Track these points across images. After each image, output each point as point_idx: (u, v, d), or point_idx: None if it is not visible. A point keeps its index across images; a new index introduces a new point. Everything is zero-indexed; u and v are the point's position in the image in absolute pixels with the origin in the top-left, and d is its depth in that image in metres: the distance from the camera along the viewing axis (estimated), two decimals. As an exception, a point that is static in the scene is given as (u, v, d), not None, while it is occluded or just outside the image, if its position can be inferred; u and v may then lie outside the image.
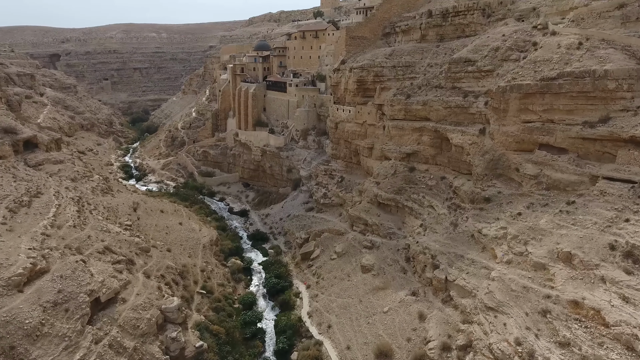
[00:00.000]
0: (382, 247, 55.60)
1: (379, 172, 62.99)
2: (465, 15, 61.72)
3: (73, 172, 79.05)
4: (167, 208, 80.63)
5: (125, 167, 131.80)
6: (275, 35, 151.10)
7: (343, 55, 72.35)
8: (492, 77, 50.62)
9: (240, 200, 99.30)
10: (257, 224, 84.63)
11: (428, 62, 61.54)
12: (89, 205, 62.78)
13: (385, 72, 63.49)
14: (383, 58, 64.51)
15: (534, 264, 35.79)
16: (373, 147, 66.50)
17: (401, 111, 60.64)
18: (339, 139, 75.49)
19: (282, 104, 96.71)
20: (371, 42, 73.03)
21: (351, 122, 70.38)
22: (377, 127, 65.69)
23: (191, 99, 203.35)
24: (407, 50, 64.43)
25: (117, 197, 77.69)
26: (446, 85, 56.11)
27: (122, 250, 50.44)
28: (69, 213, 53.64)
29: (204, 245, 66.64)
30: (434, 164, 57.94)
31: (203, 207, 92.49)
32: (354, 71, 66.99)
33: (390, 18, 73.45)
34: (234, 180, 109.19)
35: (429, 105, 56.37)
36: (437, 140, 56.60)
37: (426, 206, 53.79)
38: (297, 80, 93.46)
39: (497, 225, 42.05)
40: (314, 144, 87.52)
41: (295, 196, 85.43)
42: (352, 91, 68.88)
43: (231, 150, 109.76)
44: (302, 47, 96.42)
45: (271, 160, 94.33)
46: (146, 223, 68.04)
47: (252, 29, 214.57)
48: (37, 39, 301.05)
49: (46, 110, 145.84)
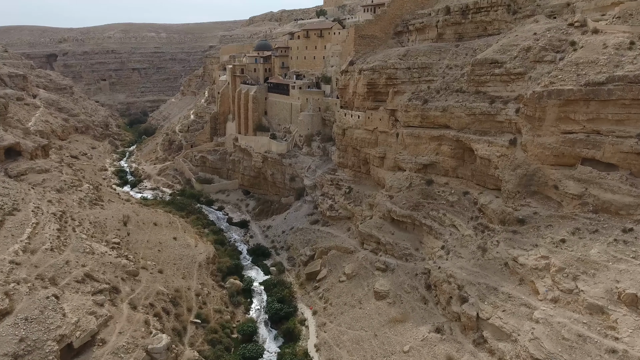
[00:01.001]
0: (398, 271, 49.82)
1: (392, 185, 57.23)
2: (488, 12, 55.98)
3: (59, 181, 73.39)
4: (161, 220, 74.93)
5: (120, 173, 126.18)
6: (276, 35, 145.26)
7: (351, 55, 66.56)
8: (524, 81, 44.87)
9: (240, 210, 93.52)
10: (258, 236, 78.86)
11: (447, 63, 55.78)
12: (73, 221, 57.03)
13: (399, 75, 57.72)
14: (396, 59, 58.75)
15: (589, 306, 30.03)
16: (385, 157, 60.74)
17: (417, 117, 54.89)
18: (347, 147, 69.73)
19: (285, 107, 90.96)
20: (382, 41, 67.27)
21: (360, 129, 64.62)
22: (389, 135, 59.94)
23: (190, 100, 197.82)
24: (422, 50, 58.65)
25: (107, 209, 71.98)
26: (469, 90, 50.35)
27: (106, 277, 44.71)
28: (48, 233, 47.89)
29: (200, 264, 60.92)
30: (454, 177, 52.16)
31: (200, 217, 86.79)
32: (364, 73, 61.25)
33: (403, 15, 67.69)
34: (233, 188, 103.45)
35: (450, 112, 50.61)
36: (459, 150, 50.83)
37: (448, 225, 48.00)
38: (300, 82, 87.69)
39: (536, 254, 36.27)
40: (319, 150, 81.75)
41: (298, 207, 79.65)
42: (362, 95, 63.13)
43: (230, 155, 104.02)
44: (306, 47, 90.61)
45: (273, 168, 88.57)
46: (137, 239, 62.30)
47: (253, 28, 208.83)
48: (34, 38, 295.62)
49: (38, 112, 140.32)
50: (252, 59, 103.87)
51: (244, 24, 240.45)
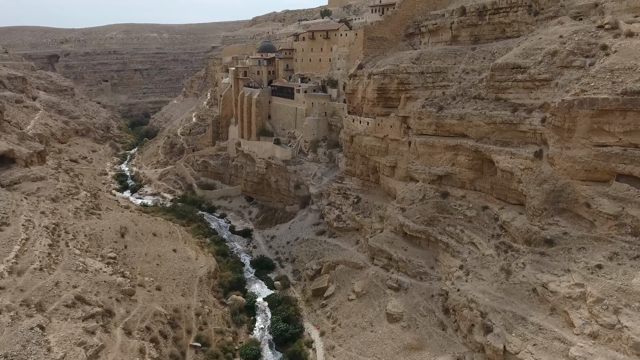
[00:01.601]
0: (412, 290, 46.53)
1: (404, 196, 53.90)
2: (507, 13, 52.54)
3: (55, 190, 70.47)
4: (160, 230, 71.86)
5: (121, 177, 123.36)
6: (280, 36, 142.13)
7: (360, 59, 63.27)
8: (549, 88, 41.46)
9: (243, 217, 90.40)
10: (262, 247, 75.70)
11: (463, 67, 52.40)
12: (67, 235, 54.03)
13: (412, 79, 54.40)
14: (409, 63, 55.42)
15: (635, 345, 26.69)
16: (396, 166, 57.43)
17: (431, 125, 51.55)
18: (355, 154, 66.44)
19: (289, 111, 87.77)
20: (392, 43, 63.93)
21: (370, 136, 61.33)
22: (401, 143, 56.62)
23: (192, 102, 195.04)
24: (436, 53, 55.29)
25: (105, 219, 68.94)
26: (488, 96, 46.97)
27: (99, 298, 41.64)
28: (38, 250, 44.87)
29: (201, 279, 57.80)
30: (472, 190, 48.80)
31: (202, 226, 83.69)
32: (374, 78, 57.95)
33: (414, 16, 64.32)
34: (236, 194, 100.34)
35: (467, 120, 47.25)
36: (477, 161, 47.46)
37: (466, 243, 44.64)
38: (305, 85, 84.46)
39: (569, 280, 32.92)
40: (325, 157, 78.48)
41: (303, 216, 76.44)
42: (372, 100, 59.84)
43: (233, 160, 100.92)
44: (311, 48, 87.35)
45: (277, 175, 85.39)
46: (134, 252, 59.24)
47: (256, 29, 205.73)
48: (35, 39, 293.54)
49: (38, 115, 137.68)
50: (255, 61, 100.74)
51: (247, 24, 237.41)
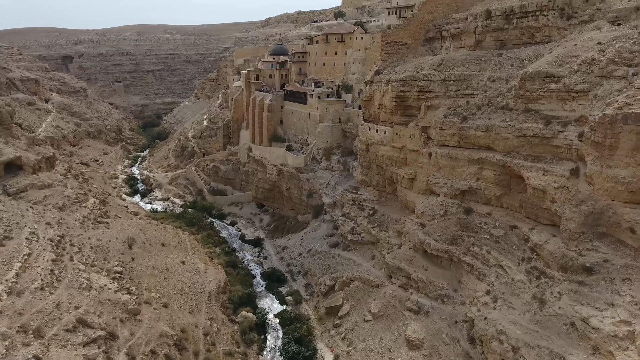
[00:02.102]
0: (433, 314, 43.53)
1: (424, 211, 50.87)
2: (537, 17, 49.18)
3: (63, 197, 68.92)
4: (169, 239, 69.96)
5: (131, 181, 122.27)
6: (293, 38, 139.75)
7: (377, 64, 60.33)
8: (587, 100, 38.13)
9: (254, 225, 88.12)
10: (273, 257, 73.24)
11: (488, 75, 49.15)
12: (72, 247, 52.24)
13: (433, 87, 51.32)
14: (430, 69, 52.34)
15: (699, 400, 23.36)
16: (415, 178, 54.40)
17: (454, 137, 48.45)
18: (370, 164, 63.55)
19: (302, 117, 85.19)
20: (411, 48, 60.88)
21: (387, 146, 58.38)
22: (420, 154, 53.57)
23: (204, 103, 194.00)
24: (459, 59, 52.12)
25: (112, 227, 67.28)
26: (517, 107, 43.71)
27: (102, 319, 39.52)
28: (40, 266, 42.99)
29: (210, 294, 55.51)
30: (498, 207, 45.57)
31: (212, 234, 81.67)
32: (392, 85, 55.00)
33: (435, 20, 61.19)
34: (246, 200, 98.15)
35: (495, 132, 44.06)
36: (505, 177, 44.23)
37: (493, 265, 41.46)
38: (319, 90, 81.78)
39: (613, 316, 29.68)
40: (339, 165, 75.69)
41: (316, 226, 73.75)
42: (389, 108, 56.90)
43: (244, 166, 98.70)
44: (325, 52, 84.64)
45: (289, 182, 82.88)
46: (142, 264, 57.24)
47: (268, 30, 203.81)
48: (50, 40, 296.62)
49: (50, 117, 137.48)
50: (267, 65, 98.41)
51: (259, 25, 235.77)
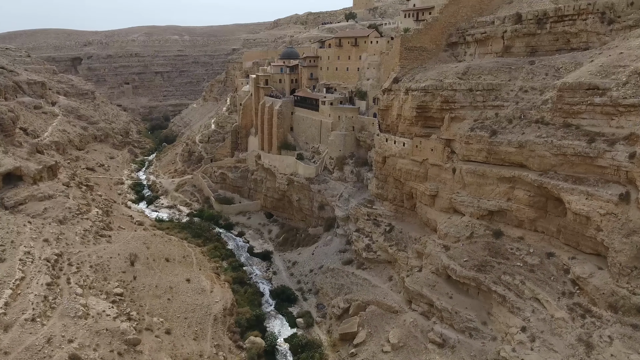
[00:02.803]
0: (460, 350, 39.53)
1: (448, 232, 46.87)
2: (574, 21, 44.96)
3: (64, 209, 66.02)
4: (174, 253, 66.76)
5: (137, 187, 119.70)
6: (302, 40, 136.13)
7: (396, 71, 56.43)
8: (638, 116, 33.92)
9: (262, 237, 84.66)
10: (282, 273, 69.64)
11: (520, 84, 45.00)
12: (70, 267, 49.11)
13: (458, 97, 47.30)
14: (454, 78, 48.33)
15: None
16: (437, 195, 50.40)
17: (482, 152, 44.42)
18: (387, 177, 59.67)
19: (313, 124, 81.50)
20: (432, 54, 56.90)
21: (406, 159, 54.46)
22: (443, 169, 49.58)
23: (212, 106, 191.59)
24: (487, 67, 48.02)
25: (115, 241, 64.26)
26: (554, 121, 39.57)
27: (98, 354, 36.22)
28: (34, 292, 39.82)
29: (216, 317, 52.10)
30: (532, 230, 41.44)
31: (218, 246, 78.44)
32: (412, 94, 51.09)
33: (457, 23, 57.13)
34: (255, 209, 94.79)
35: (529, 149, 39.95)
36: (540, 198, 40.10)
37: (528, 298, 37.37)
38: (331, 96, 78.02)
39: (681, 372, 25.50)
40: (352, 176, 71.86)
41: (328, 241, 70.01)
42: (409, 119, 52.99)
43: (252, 174, 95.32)
44: (338, 56, 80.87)
45: (299, 193, 79.25)
46: (144, 284, 54.00)
47: (277, 31, 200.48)
48: (59, 42, 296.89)
49: (56, 121, 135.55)
50: (277, 69, 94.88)
51: (268, 26, 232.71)
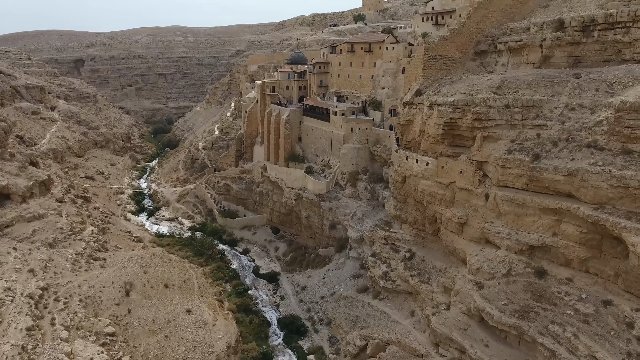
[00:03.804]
0: (501, 412, 34.06)
1: (481, 267, 41.42)
2: (628, 29, 39.34)
3: (55, 230, 61.06)
4: (173, 277, 61.84)
5: (137, 196, 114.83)
6: (310, 43, 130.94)
7: (418, 82, 50.97)
8: None
9: (269, 255, 79.47)
10: (290, 299, 64.39)
11: (565, 101, 39.42)
12: (56, 304, 44.09)
13: (493, 115, 41.81)
14: (488, 92, 42.83)
15: None
16: (467, 223, 44.94)
17: (521, 178, 38.93)
18: (407, 198, 54.27)
19: (323, 135, 76.18)
20: (458, 63, 51.42)
21: (429, 180, 49.03)
22: (474, 194, 44.11)
23: (216, 110, 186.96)
24: (525, 80, 42.45)
25: (109, 266, 59.40)
26: (611, 147, 34.06)
27: (82, 419, 31.05)
28: (11, 341, 34.81)
29: (218, 357, 46.90)
30: (583, 271, 35.92)
31: (222, 266, 73.50)
32: (438, 109, 45.64)
33: (486, 29, 51.60)
34: (260, 223, 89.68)
35: (581, 178, 34.43)
36: (594, 236, 34.56)
37: (584, 356, 31.79)
38: (343, 106, 72.64)
39: None
40: (366, 193, 66.48)
41: (341, 263, 64.69)
42: (434, 137, 47.55)
43: (258, 186, 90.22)
44: (350, 63, 75.43)
45: (309, 209, 73.97)
46: (139, 318, 48.93)
47: (283, 33, 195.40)
48: (62, 43, 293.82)
49: (55, 127, 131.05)
50: (284, 75, 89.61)
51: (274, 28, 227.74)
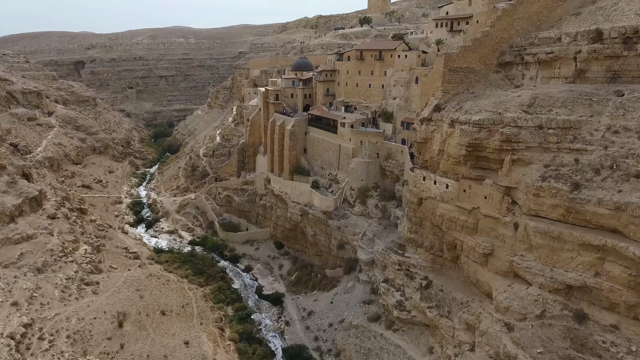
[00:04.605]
0: None
1: (510, 305, 37.22)
2: (678, 41, 35.12)
3: (44, 252, 57.17)
4: (171, 303, 57.99)
5: (136, 206, 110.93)
6: (315, 47, 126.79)
7: (437, 97, 46.73)
8: None
9: (272, 273, 75.37)
10: (296, 325, 60.27)
11: (607, 122, 35.18)
12: (41, 342, 40.08)
13: (524, 136, 37.59)
14: (518, 111, 38.59)
15: None
16: (492, 254, 40.74)
17: (557, 208, 34.73)
18: (423, 221, 50.10)
19: (330, 147, 72.03)
20: (480, 76, 47.19)
21: (449, 204, 44.85)
22: (501, 223, 39.91)
23: (217, 114, 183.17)
24: (559, 98, 38.19)
25: (102, 291, 55.55)
26: (666, 178, 29.83)
27: None
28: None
29: (219, 398, 42.96)
30: (631, 318, 31.67)
31: (223, 286, 69.46)
32: (461, 128, 41.45)
33: (511, 39, 47.36)
34: (263, 237, 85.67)
35: (631, 214, 30.21)
36: (647, 279, 30.37)
37: (640, 423, 27.65)
38: (351, 117, 68.47)
39: None
40: (377, 211, 62.31)
41: (350, 287, 60.54)
42: (455, 157, 43.36)
43: (261, 199, 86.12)
44: (359, 71, 71.26)
45: (315, 226, 69.85)
46: (133, 355, 44.98)
47: (286, 36, 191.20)
48: (62, 45, 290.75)
49: (51, 134, 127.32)
50: (288, 82, 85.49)
51: (276, 30, 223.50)
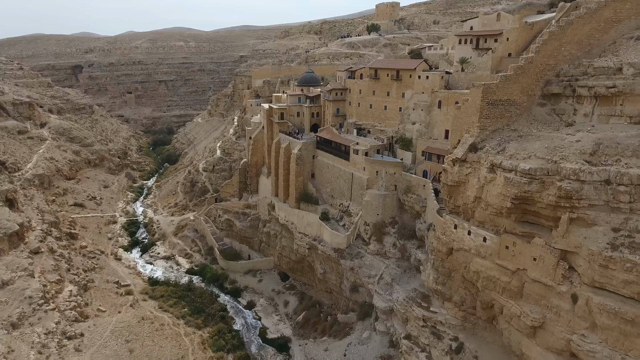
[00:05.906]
0: None
1: (569, 397, 30.72)
2: None
3: (22, 301, 50.82)
4: (165, 355, 51.72)
5: (131, 226, 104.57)
6: (320, 56, 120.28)
7: (474, 134, 40.16)
8: None
9: (277, 310, 68.89)
10: (305, 379, 53.88)
11: (694, 179, 28.68)
12: None
13: (587, 192, 31.08)
14: (579, 160, 32.04)
15: None
16: (543, 327, 34.21)
17: (632, 285, 28.25)
18: (452, 272, 43.62)
19: (342, 175, 65.52)
20: (522, 109, 40.67)
21: (487, 260, 38.35)
22: (554, 292, 33.40)
23: (217, 123, 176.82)
24: (629, 144, 31.66)
25: (86, 347, 49.10)
26: None
27: None
28: None
29: None
30: None
31: (223, 329, 63.13)
32: (506, 176, 34.92)
33: (557, 66, 40.82)
34: (267, 267, 79.32)
35: None
36: None
37: None
38: (365, 143, 61.90)
39: None
40: (395, 250, 55.80)
41: (365, 339, 53.98)
42: (497, 208, 36.85)
43: (265, 225, 79.71)
44: (373, 91, 64.79)
45: (325, 264, 63.37)
46: None
47: (289, 42, 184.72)
48: (60, 49, 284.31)
49: (43, 147, 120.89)
50: (294, 99, 78.94)
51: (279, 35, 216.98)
